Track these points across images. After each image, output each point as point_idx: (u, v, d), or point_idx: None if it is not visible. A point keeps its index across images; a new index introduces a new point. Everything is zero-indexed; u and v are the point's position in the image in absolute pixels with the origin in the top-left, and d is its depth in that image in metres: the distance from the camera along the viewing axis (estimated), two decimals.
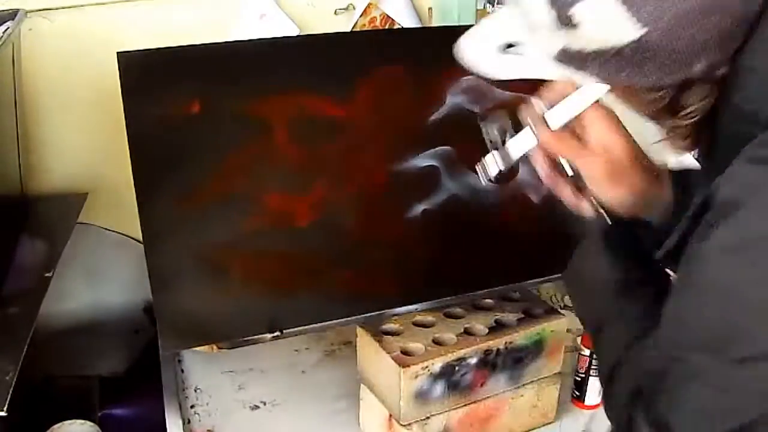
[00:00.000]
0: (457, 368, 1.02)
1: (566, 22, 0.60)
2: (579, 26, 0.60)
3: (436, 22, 1.39)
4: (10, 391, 0.82)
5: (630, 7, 0.58)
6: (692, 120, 0.65)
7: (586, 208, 0.77)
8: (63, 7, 1.18)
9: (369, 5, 1.34)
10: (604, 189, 0.72)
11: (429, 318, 1.09)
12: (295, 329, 1.06)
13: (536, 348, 1.08)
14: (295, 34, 1.28)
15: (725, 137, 0.63)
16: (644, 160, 0.73)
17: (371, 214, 1.07)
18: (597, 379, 1.16)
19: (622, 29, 0.59)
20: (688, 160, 0.75)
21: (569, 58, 0.63)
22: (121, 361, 1.34)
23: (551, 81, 0.70)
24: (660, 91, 0.64)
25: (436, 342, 1.04)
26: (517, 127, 0.72)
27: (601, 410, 1.22)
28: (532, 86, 0.71)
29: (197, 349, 1.20)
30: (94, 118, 1.24)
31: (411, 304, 1.09)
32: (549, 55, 0.65)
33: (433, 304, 1.10)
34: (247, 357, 1.25)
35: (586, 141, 0.71)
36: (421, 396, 1.01)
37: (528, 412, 1.11)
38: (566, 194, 0.77)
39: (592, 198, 0.75)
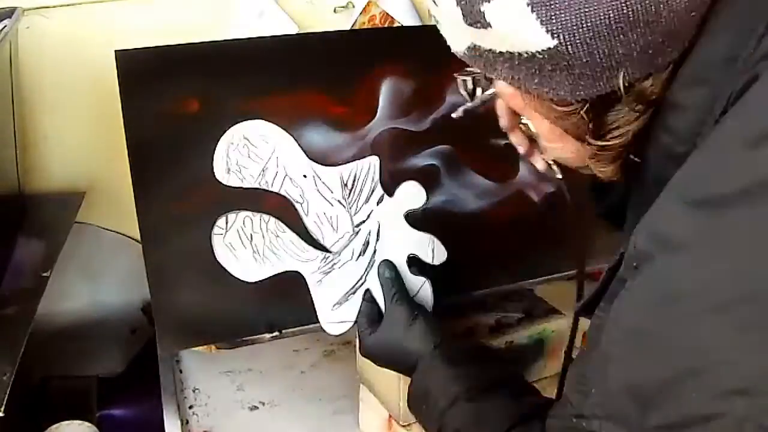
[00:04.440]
0: None
1: (475, 20, 0.57)
2: (490, 26, 0.56)
3: None
4: (8, 392, 0.82)
5: (541, 15, 0.53)
6: (617, 143, 0.61)
7: (538, 161, 0.77)
8: (60, 5, 1.17)
9: (369, 3, 1.33)
10: (549, 143, 0.69)
11: None
12: (295, 329, 1.06)
13: (537, 348, 1.08)
14: (294, 32, 1.27)
15: (651, 180, 0.60)
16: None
17: None
18: None
19: (533, 38, 0.54)
20: None
21: (479, 55, 0.60)
22: (119, 362, 1.33)
23: None
24: (574, 105, 0.59)
25: None
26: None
27: None
28: None
29: (196, 349, 1.19)
30: (91, 117, 1.23)
31: None
32: (458, 49, 0.63)
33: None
34: (246, 357, 1.25)
35: None
36: None
37: None
38: (521, 145, 0.78)
39: (542, 151, 0.74)
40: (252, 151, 0.94)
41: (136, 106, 0.92)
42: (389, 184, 1.00)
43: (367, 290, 0.98)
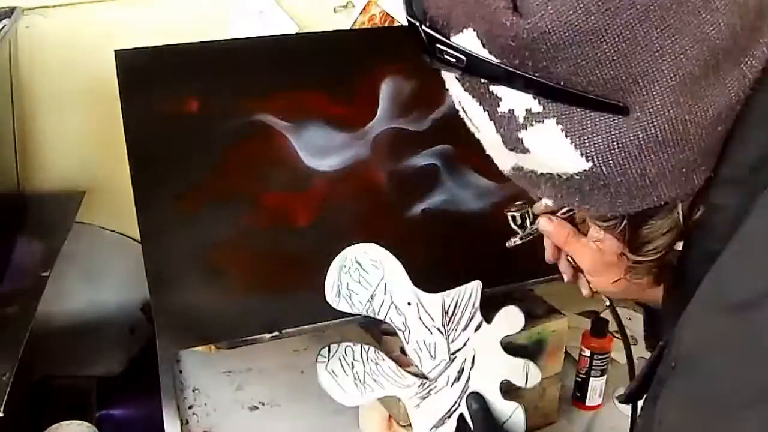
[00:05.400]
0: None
1: (514, 146, 0.59)
2: (528, 152, 0.59)
3: None
4: (7, 392, 0.82)
5: (574, 141, 0.56)
6: (654, 257, 0.65)
7: (584, 288, 0.82)
8: (60, 5, 1.17)
9: (369, 3, 1.33)
10: (594, 277, 0.77)
11: None
12: (294, 329, 1.06)
13: (537, 348, 1.08)
14: (294, 32, 1.27)
15: (691, 281, 0.59)
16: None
17: (371, 213, 1.06)
18: (597, 379, 1.16)
19: (569, 161, 0.57)
20: None
21: (523, 175, 0.63)
22: (119, 362, 1.33)
23: None
24: (612, 221, 0.64)
25: None
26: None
27: (602, 411, 1.23)
28: None
29: (195, 349, 1.19)
30: (91, 117, 1.23)
31: None
32: (503, 168, 0.65)
33: None
34: (246, 357, 1.25)
35: (583, 231, 0.76)
36: None
37: (529, 412, 1.10)
38: (566, 274, 0.83)
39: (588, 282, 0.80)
40: (363, 276, 0.96)
41: (136, 106, 0.92)
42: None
43: (461, 414, 1.01)
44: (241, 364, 1.25)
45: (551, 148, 0.57)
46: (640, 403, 0.71)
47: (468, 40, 0.56)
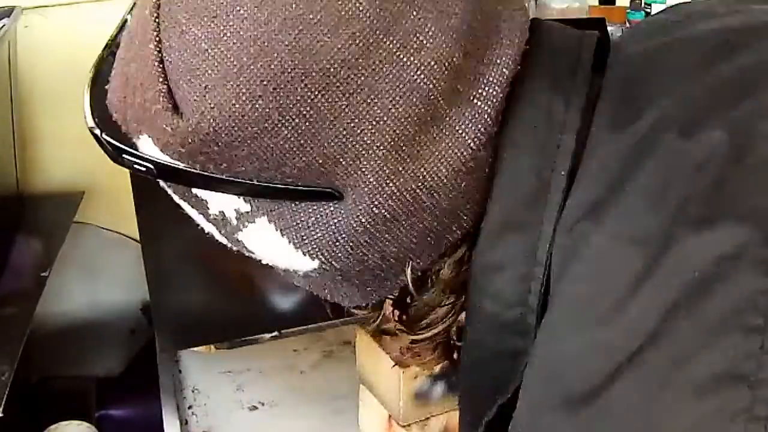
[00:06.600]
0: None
1: (240, 248, 0.53)
2: (253, 253, 0.52)
3: None
4: (6, 392, 0.82)
5: (292, 239, 0.48)
6: (431, 333, 0.54)
7: None
8: (59, 5, 1.17)
9: None
10: None
11: None
12: (294, 329, 1.05)
13: None
14: None
15: (481, 345, 0.50)
16: None
17: None
18: None
19: (295, 262, 0.49)
20: None
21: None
22: (119, 362, 1.33)
23: None
24: (368, 310, 0.54)
25: None
26: None
27: None
28: None
29: (195, 349, 1.19)
30: None
31: None
32: None
33: None
34: (246, 357, 1.24)
35: None
36: (421, 397, 1.00)
37: None
38: None
39: None
40: None
41: None
42: None
43: None
44: (241, 364, 1.25)
45: (272, 249, 0.50)
46: None
47: (147, 147, 0.48)
